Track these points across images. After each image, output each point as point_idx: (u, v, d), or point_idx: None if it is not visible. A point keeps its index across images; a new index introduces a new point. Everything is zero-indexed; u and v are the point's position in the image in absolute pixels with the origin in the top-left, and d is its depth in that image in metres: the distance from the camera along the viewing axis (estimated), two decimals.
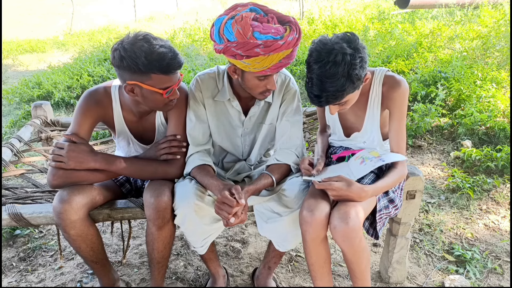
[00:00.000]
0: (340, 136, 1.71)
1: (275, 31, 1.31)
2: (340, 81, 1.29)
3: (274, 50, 1.29)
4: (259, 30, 1.29)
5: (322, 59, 1.29)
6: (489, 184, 2.63)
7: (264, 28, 1.30)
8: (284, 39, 1.30)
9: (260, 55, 1.30)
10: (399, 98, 1.47)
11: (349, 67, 1.28)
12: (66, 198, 1.37)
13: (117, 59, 1.33)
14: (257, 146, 1.70)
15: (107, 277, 1.66)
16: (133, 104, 1.53)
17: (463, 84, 3.68)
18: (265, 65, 1.34)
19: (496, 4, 6.76)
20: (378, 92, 1.52)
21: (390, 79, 1.49)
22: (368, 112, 1.56)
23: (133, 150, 1.68)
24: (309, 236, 1.39)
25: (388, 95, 1.49)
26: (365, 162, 1.45)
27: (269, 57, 1.31)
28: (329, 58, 1.27)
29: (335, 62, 1.27)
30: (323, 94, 1.32)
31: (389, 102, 1.49)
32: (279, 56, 1.33)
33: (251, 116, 1.63)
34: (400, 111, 1.48)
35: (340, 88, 1.30)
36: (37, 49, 8.91)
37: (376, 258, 2.04)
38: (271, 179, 1.51)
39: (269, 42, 1.29)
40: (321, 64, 1.29)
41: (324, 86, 1.30)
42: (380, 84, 1.50)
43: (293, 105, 1.63)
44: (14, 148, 2.05)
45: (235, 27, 1.30)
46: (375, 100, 1.53)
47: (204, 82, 1.59)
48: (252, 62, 1.33)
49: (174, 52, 1.34)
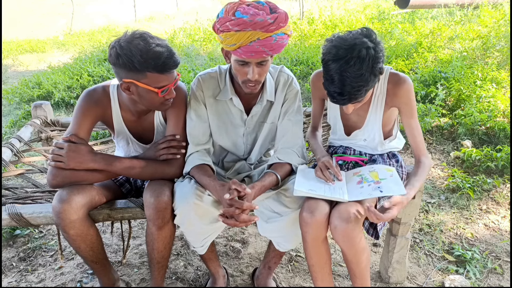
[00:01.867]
0: (341, 135, 1.71)
1: (254, 13, 1.33)
2: (364, 77, 1.27)
3: (241, 26, 1.31)
4: (241, 10, 1.35)
5: (345, 55, 1.26)
6: (489, 184, 2.63)
7: (246, 10, 1.34)
8: (252, 18, 1.31)
9: (230, 31, 1.33)
10: (406, 94, 1.47)
11: (373, 61, 1.27)
12: (65, 198, 1.36)
13: (113, 57, 1.33)
14: (258, 145, 1.70)
15: (107, 277, 1.66)
16: (131, 103, 1.53)
17: (463, 84, 3.68)
18: (234, 42, 1.34)
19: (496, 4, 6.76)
20: (383, 90, 1.51)
21: (395, 77, 1.49)
22: (371, 109, 1.56)
23: (132, 149, 1.68)
24: (310, 237, 1.39)
25: (394, 92, 1.49)
26: (363, 183, 1.43)
27: (238, 34, 1.32)
28: (353, 54, 1.25)
29: (359, 57, 1.25)
30: (346, 91, 1.29)
31: (396, 99, 1.49)
32: (248, 37, 1.31)
33: (253, 115, 1.63)
34: (409, 107, 1.49)
35: (365, 84, 1.28)
36: (37, 49, 8.91)
37: (376, 258, 2.04)
38: (275, 177, 1.51)
39: (241, 20, 1.32)
40: (343, 61, 1.26)
41: (348, 82, 1.27)
42: (385, 82, 1.50)
43: (294, 104, 1.63)
44: (14, 148, 2.05)
45: (226, 7, 1.38)
46: (379, 97, 1.53)
47: (206, 82, 1.59)
48: (224, 37, 1.36)
49: (170, 51, 1.34)
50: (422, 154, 1.51)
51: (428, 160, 1.50)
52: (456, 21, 6.36)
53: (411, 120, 1.50)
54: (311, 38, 6.74)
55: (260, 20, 1.30)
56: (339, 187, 1.46)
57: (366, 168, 1.54)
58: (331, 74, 1.30)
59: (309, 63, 5.32)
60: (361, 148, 1.71)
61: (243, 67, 1.41)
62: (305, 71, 5.17)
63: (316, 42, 6.44)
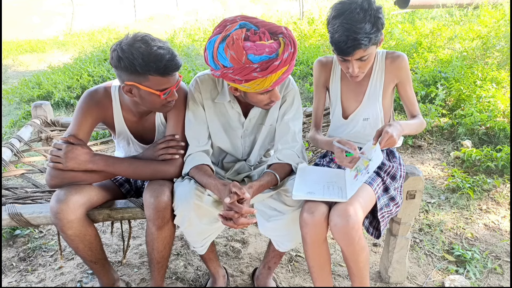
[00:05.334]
0: (339, 118, 1.73)
1: (269, 50, 1.29)
2: (368, 25, 1.37)
3: (272, 71, 1.29)
4: (253, 52, 1.28)
5: (349, 7, 1.37)
6: (489, 184, 2.63)
7: (258, 49, 1.28)
8: (280, 57, 1.29)
9: (258, 78, 1.30)
10: (405, 66, 1.62)
11: (375, 12, 1.38)
12: (63, 198, 1.36)
13: (115, 60, 1.33)
14: (257, 147, 1.70)
15: (106, 277, 1.66)
16: (132, 105, 1.53)
17: (463, 84, 3.68)
18: (266, 86, 1.34)
19: (496, 4, 6.76)
20: (381, 66, 1.63)
21: (392, 53, 1.64)
22: (370, 85, 1.65)
23: (133, 150, 1.68)
24: (310, 238, 1.39)
25: (394, 66, 1.62)
26: (358, 176, 1.43)
27: (268, 78, 1.31)
28: (356, 5, 1.37)
29: (362, 7, 1.36)
30: (351, 38, 1.37)
31: (397, 72, 1.62)
32: (277, 75, 1.33)
33: (251, 118, 1.63)
34: (408, 78, 1.64)
35: (369, 31, 1.37)
36: (37, 49, 8.91)
37: (376, 258, 2.04)
38: (275, 177, 1.51)
39: (265, 63, 1.28)
40: (348, 11, 1.37)
41: (353, 30, 1.36)
42: (383, 59, 1.63)
43: (293, 105, 1.63)
44: (14, 148, 2.05)
45: (228, 53, 1.29)
46: (378, 73, 1.64)
47: (204, 83, 1.59)
48: (252, 85, 1.33)
49: (172, 54, 1.34)
50: (418, 113, 1.68)
51: (423, 120, 1.66)
52: (456, 21, 6.36)
53: (408, 88, 1.67)
54: (311, 38, 6.74)
55: (286, 56, 1.30)
56: (338, 187, 1.46)
57: (360, 160, 1.54)
58: (336, 26, 1.40)
59: (309, 63, 5.31)
60: (360, 139, 1.70)
61: (265, 95, 1.43)
62: (305, 71, 5.16)
63: (316, 42, 6.43)
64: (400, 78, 1.64)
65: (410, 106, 1.69)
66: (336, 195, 1.40)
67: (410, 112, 1.69)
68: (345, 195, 1.39)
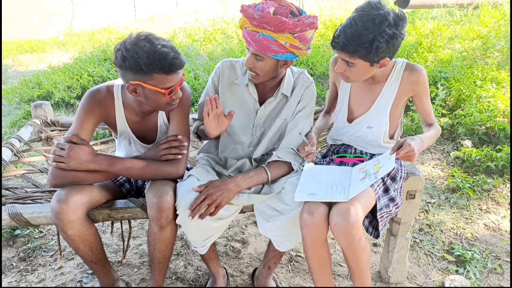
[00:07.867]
0: (343, 120, 1.72)
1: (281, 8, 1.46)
2: (365, 39, 1.34)
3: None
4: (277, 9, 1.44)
5: (367, 10, 1.35)
6: (489, 184, 2.63)
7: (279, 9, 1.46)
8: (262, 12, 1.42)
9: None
10: (423, 81, 1.57)
11: (378, 34, 1.33)
12: (63, 198, 1.36)
13: (120, 59, 1.33)
14: (266, 139, 1.70)
15: (106, 277, 1.66)
16: (136, 104, 1.53)
17: (463, 84, 3.68)
18: None
19: (496, 4, 6.75)
20: (398, 77, 1.59)
21: (412, 66, 1.58)
22: (383, 92, 1.62)
23: (134, 149, 1.68)
24: (310, 239, 1.39)
25: (410, 79, 1.57)
26: (365, 179, 1.43)
27: None
28: (371, 13, 1.34)
29: (373, 20, 1.33)
30: (342, 36, 1.38)
31: (413, 85, 1.58)
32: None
33: (266, 106, 1.66)
34: (425, 91, 1.60)
35: (357, 40, 1.35)
36: (37, 49, 8.92)
37: (376, 258, 2.04)
38: (266, 175, 1.54)
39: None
40: (363, 13, 1.35)
41: (350, 30, 1.36)
42: (402, 70, 1.58)
43: (308, 107, 1.67)
44: (14, 148, 2.05)
45: (277, 9, 1.43)
46: (393, 83, 1.60)
47: (225, 68, 1.68)
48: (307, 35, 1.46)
49: (176, 52, 1.35)
50: (434, 121, 1.65)
51: (438, 127, 1.63)
52: (456, 21, 6.36)
53: (426, 101, 1.62)
54: None
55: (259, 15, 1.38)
56: (341, 186, 1.46)
57: (371, 162, 1.54)
58: (348, 19, 1.39)
59: (309, 63, 5.32)
60: (362, 143, 1.70)
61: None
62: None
63: (316, 42, 6.44)
64: (416, 92, 1.60)
65: (426, 116, 1.66)
66: (338, 195, 1.40)
67: (426, 121, 1.66)
68: (347, 195, 1.39)
